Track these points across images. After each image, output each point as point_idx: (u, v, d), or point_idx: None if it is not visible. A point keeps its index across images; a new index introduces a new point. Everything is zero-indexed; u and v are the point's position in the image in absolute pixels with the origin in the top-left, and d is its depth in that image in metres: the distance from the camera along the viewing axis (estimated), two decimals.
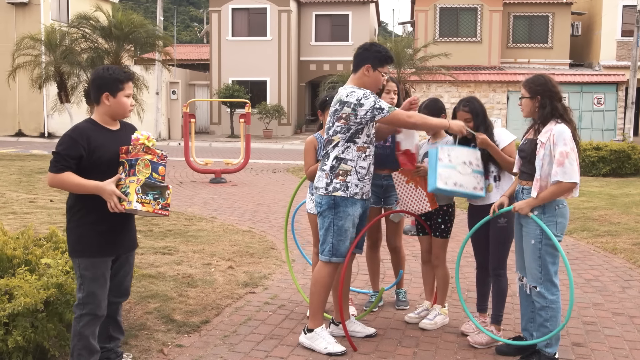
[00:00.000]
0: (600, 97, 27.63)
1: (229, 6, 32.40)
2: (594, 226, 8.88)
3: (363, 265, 6.68)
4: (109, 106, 3.67)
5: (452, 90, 27.72)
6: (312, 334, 4.40)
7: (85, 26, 21.24)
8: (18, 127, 29.86)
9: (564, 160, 3.88)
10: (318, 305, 4.44)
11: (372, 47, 4.44)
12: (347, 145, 4.33)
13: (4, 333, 3.67)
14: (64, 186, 3.57)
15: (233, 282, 5.91)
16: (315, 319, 4.43)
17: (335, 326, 4.65)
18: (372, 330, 4.70)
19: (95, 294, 3.61)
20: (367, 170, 4.41)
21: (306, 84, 34.86)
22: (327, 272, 4.41)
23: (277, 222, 9.24)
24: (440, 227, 4.89)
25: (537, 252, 4.08)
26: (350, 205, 4.34)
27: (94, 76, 3.72)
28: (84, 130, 3.61)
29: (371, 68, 4.37)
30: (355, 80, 4.43)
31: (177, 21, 55.60)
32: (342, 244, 4.36)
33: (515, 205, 4.13)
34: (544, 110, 4.07)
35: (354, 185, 4.33)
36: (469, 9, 30.37)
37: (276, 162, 19.55)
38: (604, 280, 6.33)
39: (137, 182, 3.53)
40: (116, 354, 3.93)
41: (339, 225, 4.33)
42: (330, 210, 4.34)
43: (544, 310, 4.10)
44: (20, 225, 7.93)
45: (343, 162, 4.33)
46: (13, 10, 29.04)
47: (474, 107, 4.58)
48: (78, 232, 3.63)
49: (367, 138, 4.38)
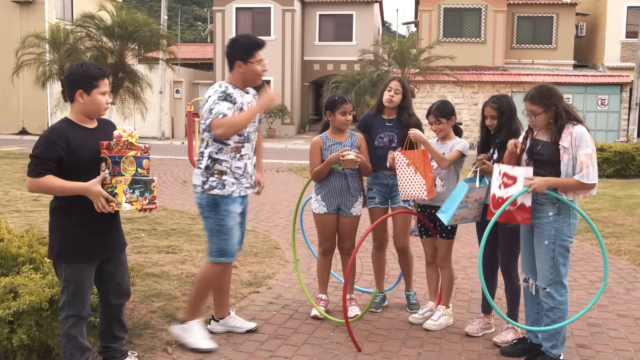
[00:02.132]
0: (604, 98, 27.57)
1: (233, 5, 32.40)
2: (598, 227, 8.85)
3: (367, 265, 6.68)
4: (83, 104, 3.54)
5: (456, 91, 27.69)
6: (185, 325, 4.38)
7: (89, 25, 21.26)
8: (22, 125, 29.90)
9: (588, 163, 3.93)
10: (198, 302, 4.43)
11: (235, 42, 4.35)
12: (220, 146, 4.28)
13: (8, 331, 3.67)
14: (46, 190, 3.46)
15: (237, 282, 5.90)
16: (192, 313, 4.41)
17: (215, 322, 4.65)
18: (252, 325, 4.71)
19: (80, 296, 3.58)
20: (243, 170, 4.36)
21: (310, 83, 34.85)
22: (216, 273, 4.38)
23: (280, 221, 9.23)
24: (446, 228, 4.89)
25: (550, 253, 4.07)
26: (230, 203, 4.29)
27: (67, 73, 3.57)
28: (62, 130, 3.49)
29: (242, 63, 4.30)
30: (231, 77, 4.38)
31: (181, 20, 55.66)
32: (228, 243, 4.31)
33: (534, 181, 3.97)
34: (561, 118, 4.04)
35: (230, 183, 4.30)
36: (473, 10, 30.32)
37: (279, 161, 19.55)
38: (608, 281, 6.30)
39: (124, 182, 3.46)
40: (121, 353, 3.93)
41: (222, 224, 4.28)
42: (211, 210, 4.28)
43: (552, 312, 4.10)
44: (24, 223, 7.94)
45: (218, 163, 4.29)
46: (17, 8, 29.08)
47: (501, 105, 4.56)
48: (64, 236, 3.55)
49: (240, 137, 4.31)
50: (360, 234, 5.61)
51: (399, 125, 5.13)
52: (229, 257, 4.34)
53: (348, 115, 4.99)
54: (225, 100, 4.18)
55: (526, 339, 4.42)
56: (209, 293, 4.47)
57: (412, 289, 5.44)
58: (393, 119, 5.18)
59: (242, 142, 4.33)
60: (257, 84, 4.44)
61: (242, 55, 4.28)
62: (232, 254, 4.35)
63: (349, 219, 5.04)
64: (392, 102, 5.14)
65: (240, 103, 4.27)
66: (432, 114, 4.86)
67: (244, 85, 4.40)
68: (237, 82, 4.36)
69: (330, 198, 5.01)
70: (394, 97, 5.13)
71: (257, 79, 4.37)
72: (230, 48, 4.34)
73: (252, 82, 4.40)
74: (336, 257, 5.43)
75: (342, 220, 5.06)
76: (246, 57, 4.28)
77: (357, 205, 5.06)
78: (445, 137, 4.92)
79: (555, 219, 4.05)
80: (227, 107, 4.17)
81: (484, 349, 4.49)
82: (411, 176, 4.75)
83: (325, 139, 5.06)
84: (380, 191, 5.20)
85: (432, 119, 4.87)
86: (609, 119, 27.57)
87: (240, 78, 4.34)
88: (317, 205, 5.06)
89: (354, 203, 5.03)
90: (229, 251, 4.33)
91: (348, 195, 5.01)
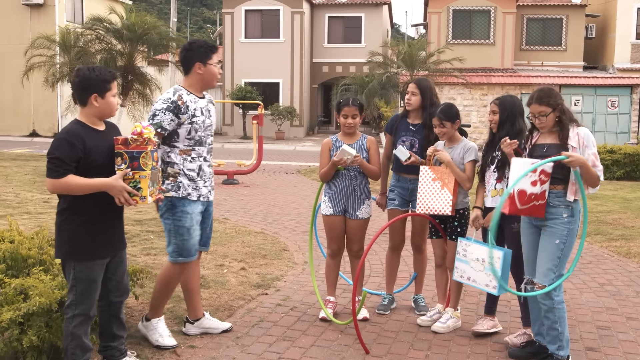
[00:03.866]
0: (614, 100, 27.45)
1: (242, 8, 32.47)
2: (608, 230, 8.82)
3: (375, 267, 6.69)
4: (98, 107, 3.65)
5: (465, 93, 27.64)
6: (148, 323, 4.44)
7: (99, 28, 21.36)
8: (32, 127, 30.05)
9: (596, 161, 4.08)
10: (160, 301, 4.49)
11: (193, 44, 4.43)
12: (168, 149, 4.32)
13: (19, 332, 3.70)
14: (69, 190, 3.53)
15: (245, 284, 5.92)
16: (155, 311, 4.48)
17: (190, 324, 4.68)
18: (227, 325, 4.74)
19: (88, 295, 3.64)
20: (197, 173, 4.38)
21: (318, 85, 34.86)
22: (175, 272, 4.42)
23: (289, 223, 9.25)
24: (456, 230, 4.89)
25: (558, 252, 4.11)
26: (187, 205, 4.32)
27: (79, 78, 3.63)
28: (78, 132, 3.58)
29: (202, 65, 4.36)
30: (188, 80, 4.41)
31: (190, 23, 55.83)
32: (186, 243, 4.33)
33: (576, 155, 3.95)
34: (566, 116, 4.15)
35: (186, 185, 4.32)
36: (482, 11, 30.25)
37: (288, 163, 19.57)
38: (617, 284, 6.28)
39: (147, 177, 3.59)
40: (120, 352, 3.96)
41: (179, 225, 4.31)
42: (169, 211, 4.32)
43: (552, 312, 4.13)
44: (34, 225, 7.99)
45: (170, 166, 4.32)
46: (28, 11, 29.23)
47: (503, 102, 4.60)
48: (72, 235, 3.61)
49: (189, 141, 4.33)
50: (371, 237, 5.61)
51: (422, 131, 5.14)
52: (187, 257, 4.37)
53: (349, 119, 4.99)
54: (172, 112, 4.23)
55: (534, 341, 4.41)
56: (170, 292, 4.52)
57: (421, 293, 5.44)
58: (418, 124, 5.19)
59: (192, 145, 4.36)
60: (213, 86, 4.55)
61: (200, 56, 4.36)
62: (191, 254, 4.39)
63: (356, 221, 5.05)
64: (410, 105, 5.17)
65: (192, 110, 4.31)
66: (437, 116, 4.86)
67: (201, 88, 4.45)
68: (194, 85, 4.40)
69: (336, 199, 5.03)
70: (410, 99, 5.15)
71: (214, 80, 4.47)
72: (188, 51, 4.40)
73: (210, 84, 4.46)
74: (345, 259, 5.44)
75: (349, 223, 5.07)
76: (205, 58, 4.37)
77: (365, 208, 5.06)
78: (451, 140, 4.92)
79: (569, 220, 4.11)
80: (170, 119, 4.22)
81: (492, 352, 4.49)
82: (437, 191, 4.79)
83: (335, 140, 5.09)
84: (401, 194, 5.22)
85: (437, 122, 4.86)
86: (619, 120, 27.44)
87: (199, 79, 4.40)
88: (324, 206, 5.09)
89: (361, 205, 5.04)
90: (188, 251, 4.36)
91: (354, 197, 5.02)
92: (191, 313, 4.69)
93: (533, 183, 4.07)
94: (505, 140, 4.32)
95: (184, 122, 4.26)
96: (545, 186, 4.09)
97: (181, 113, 4.25)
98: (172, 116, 4.23)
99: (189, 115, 4.28)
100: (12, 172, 14.92)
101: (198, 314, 4.69)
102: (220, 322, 4.76)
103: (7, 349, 3.70)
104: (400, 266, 5.61)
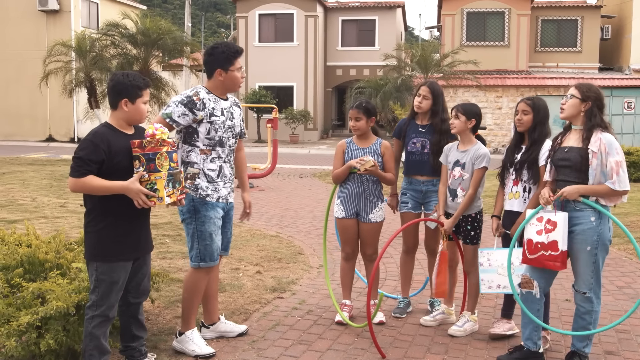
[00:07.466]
0: (630, 101, 27.21)
1: (256, 12, 32.57)
2: None
3: (391, 271, 6.66)
4: (127, 112, 3.71)
5: (480, 95, 27.53)
6: (182, 337, 4.39)
7: (114, 33, 21.52)
8: (49, 132, 30.31)
9: (619, 170, 3.95)
10: (190, 310, 4.43)
11: (215, 49, 4.36)
12: (189, 148, 4.31)
13: (36, 336, 3.72)
14: (87, 190, 3.58)
15: (261, 287, 5.92)
16: (187, 323, 4.42)
17: (206, 329, 4.66)
18: (243, 328, 4.73)
19: (110, 297, 3.66)
20: (217, 173, 4.36)
21: (332, 89, 34.88)
22: (198, 278, 4.38)
23: (304, 227, 9.24)
24: (470, 234, 4.87)
25: (592, 257, 4.06)
26: (210, 209, 4.30)
27: (113, 82, 3.73)
28: (104, 134, 3.63)
29: (223, 71, 4.32)
30: (210, 83, 4.40)
31: (205, 27, 56.06)
32: (209, 248, 4.31)
33: (564, 190, 4.01)
34: (593, 118, 4.08)
35: (204, 187, 4.29)
36: (496, 13, 30.14)
37: (303, 167, 19.58)
38: (636, 287, 6.22)
39: (163, 178, 3.60)
40: (140, 353, 3.98)
41: (201, 230, 4.29)
42: (191, 216, 4.30)
43: (589, 314, 4.13)
44: (51, 229, 8.04)
45: (190, 166, 4.30)
46: (44, 17, 29.51)
47: (536, 103, 4.53)
48: (97, 236, 3.65)
49: (209, 141, 4.31)
50: (386, 239, 5.59)
51: (431, 131, 5.13)
52: (209, 261, 4.35)
53: (353, 121, 5.04)
54: (185, 106, 4.22)
55: (523, 346, 4.31)
56: (199, 299, 4.48)
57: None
58: (426, 125, 5.18)
59: (213, 145, 4.34)
60: (236, 90, 4.49)
61: (222, 63, 4.32)
62: (214, 259, 4.37)
63: (369, 225, 5.04)
64: (421, 108, 5.15)
65: (211, 108, 4.28)
66: (456, 108, 4.86)
67: (223, 92, 4.43)
68: (215, 88, 4.39)
69: (348, 202, 5.03)
70: (422, 102, 5.13)
71: (236, 86, 4.42)
72: (210, 56, 4.36)
73: (232, 89, 4.43)
74: (360, 262, 5.43)
75: (362, 226, 5.06)
76: (227, 65, 4.32)
77: (377, 212, 5.05)
78: (465, 143, 4.87)
79: (597, 223, 4.04)
80: (181, 112, 4.21)
81: None
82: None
83: (349, 143, 5.10)
84: (414, 196, 5.20)
85: (454, 113, 4.86)
86: (636, 122, 27.20)
87: (220, 85, 4.38)
88: (337, 209, 5.10)
89: (373, 209, 5.03)
90: (210, 255, 4.35)
91: (365, 201, 5.01)
92: (207, 317, 4.70)
93: (538, 232, 4.07)
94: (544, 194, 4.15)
95: (201, 119, 4.24)
96: (554, 236, 4.00)
97: (196, 109, 4.23)
98: (185, 110, 4.21)
99: (207, 113, 4.26)
100: (29, 177, 15.05)
101: (214, 318, 4.69)
102: (236, 325, 4.75)
103: (25, 353, 3.72)
104: (415, 269, 5.59)
